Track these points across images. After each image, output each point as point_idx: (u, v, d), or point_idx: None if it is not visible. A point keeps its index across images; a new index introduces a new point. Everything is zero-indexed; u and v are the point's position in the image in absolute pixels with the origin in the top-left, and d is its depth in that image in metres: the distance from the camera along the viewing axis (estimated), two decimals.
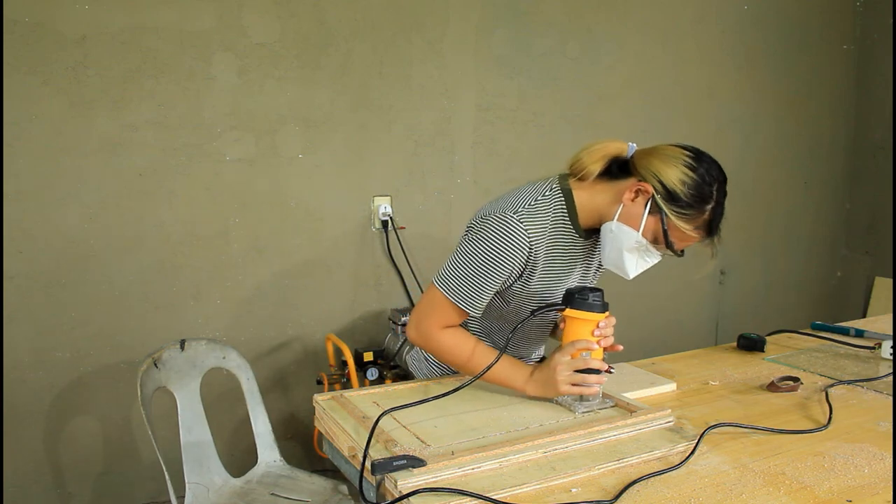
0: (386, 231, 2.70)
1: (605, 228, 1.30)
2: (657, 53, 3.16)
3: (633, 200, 1.25)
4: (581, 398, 1.29)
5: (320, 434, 1.34)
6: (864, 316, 3.57)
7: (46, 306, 2.27)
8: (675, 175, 1.22)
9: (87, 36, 2.21)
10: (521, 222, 1.26)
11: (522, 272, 1.32)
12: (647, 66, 3.15)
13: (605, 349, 1.30)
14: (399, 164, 2.72)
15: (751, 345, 1.75)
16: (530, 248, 1.28)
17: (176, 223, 2.40)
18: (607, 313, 1.28)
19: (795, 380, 1.45)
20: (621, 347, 1.31)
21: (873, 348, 1.70)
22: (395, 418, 1.23)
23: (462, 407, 1.30)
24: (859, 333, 1.85)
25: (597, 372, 1.26)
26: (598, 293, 1.26)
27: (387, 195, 2.70)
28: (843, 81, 3.70)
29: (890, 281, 3.55)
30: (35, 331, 2.26)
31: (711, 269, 3.41)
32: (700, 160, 1.25)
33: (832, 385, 1.45)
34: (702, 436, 1.16)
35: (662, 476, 1.04)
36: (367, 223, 2.70)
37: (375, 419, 1.17)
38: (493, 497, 0.95)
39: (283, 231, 2.56)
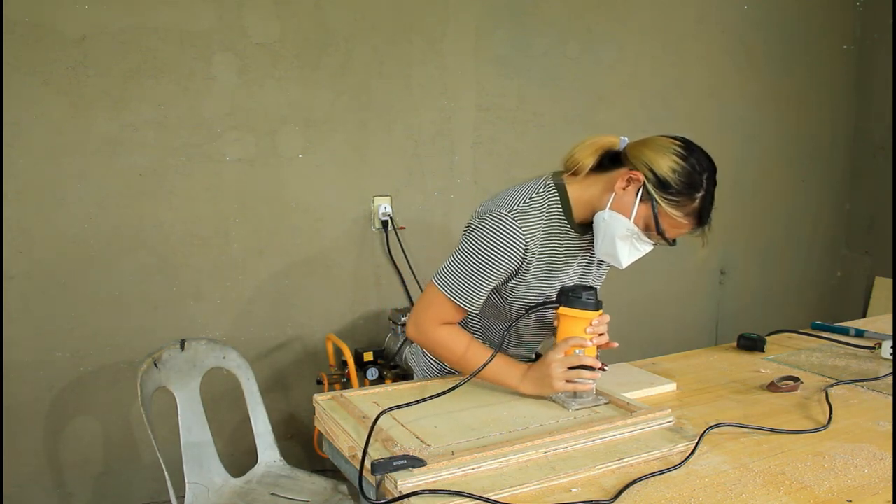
0: (386, 231, 2.70)
1: (597, 218, 1.31)
2: (657, 53, 3.16)
3: (624, 189, 1.27)
4: (575, 395, 1.30)
5: (320, 434, 1.34)
6: (864, 316, 3.56)
7: (46, 306, 2.27)
8: (666, 163, 1.24)
9: (87, 36, 2.21)
10: (517, 220, 1.29)
11: (518, 269, 1.33)
12: (647, 66, 3.15)
13: (599, 347, 1.31)
14: (399, 164, 2.72)
15: (751, 345, 1.75)
16: (526, 246, 1.30)
17: (176, 223, 2.40)
18: (601, 311, 1.29)
19: (795, 380, 1.45)
20: (616, 345, 1.33)
21: (873, 348, 1.70)
22: (394, 418, 1.23)
23: (462, 406, 1.30)
24: (859, 333, 1.85)
25: (591, 369, 1.27)
26: (591, 291, 1.28)
27: (387, 195, 2.70)
28: (843, 81, 3.70)
29: (890, 281, 3.55)
30: (35, 331, 2.26)
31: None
32: (690, 150, 1.28)
33: (832, 385, 1.45)
34: (702, 436, 1.16)
35: (662, 476, 1.04)
36: (367, 223, 2.70)
37: (374, 418, 1.17)
38: (493, 497, 0.95)
39: (283, 231, 2.56)
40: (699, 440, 1.15)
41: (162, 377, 1.96)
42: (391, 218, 2.70)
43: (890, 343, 1.62)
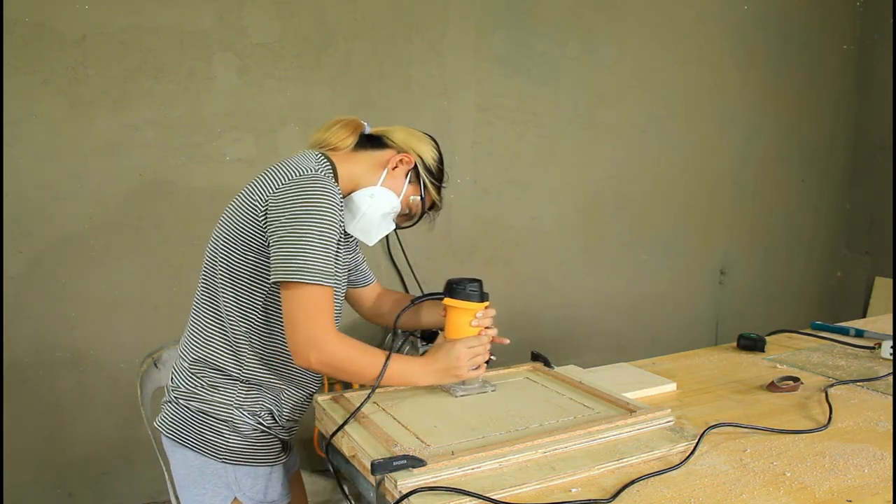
0: None
1: (361, 194, 1.33)
2: (657, 53, 3.16)
3: (394, 169, 1.35)
4: (463, 382, 1.36)
5: (320, 434, 1.34)
6: (864, 316, 3.57)
7: (46, 306, 2.27)
8: (430, 153, 1.39)
9: (87, 36, 2.21)
10: (329, 181, 1.21)
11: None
12: (647, 66, 3.15)
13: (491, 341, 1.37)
14: None
15: (751, 345, 1.75)
16: (340, 204, 1.22)
17: (176, 223, 2.40)
18: (486, 303, 1.35)
19: (795, 380, 1.45)
20: (507, 341, 1.40)
21: (873, 348, 1.70)
22: (395, 418, 1.24)
23: (462, 407, 1.30)
24: (859, 333, 1.85)
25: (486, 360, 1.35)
26: (475, 283, 1.34)
27: None
28: (843, 81, 3.70)
29: (890, 281, 3.55)
30: (35, 331, 2.26)
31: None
32: (437, 143, 1.43)
33: (832, 385, 1.45)
34: (702, 436, 1.16)
35: (662, 476, 1.04)
36: None
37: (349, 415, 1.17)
38: (493, 497, 0.95)
39: None
40: (699, 440, 1.15)
41: (162, 377, 1.95)
42: None
43: (890, 343, 1.62)
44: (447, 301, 1.34)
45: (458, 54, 2.76)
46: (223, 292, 1.26)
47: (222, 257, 1.27)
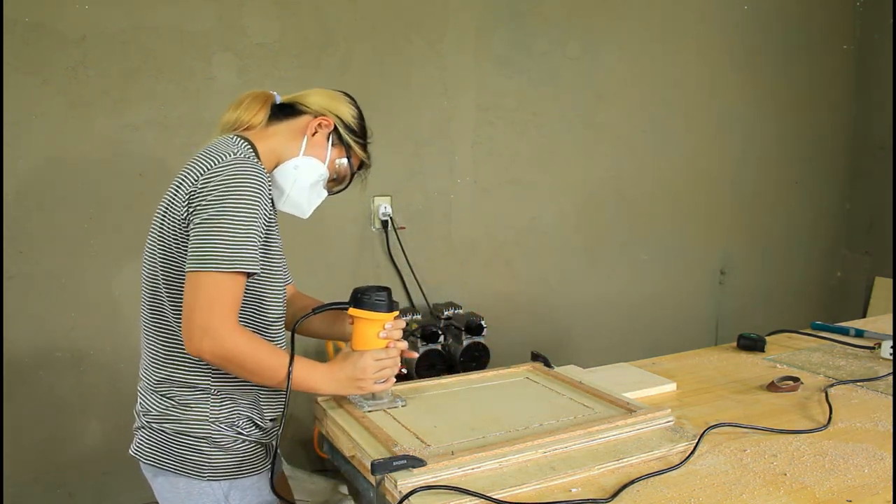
0: (386, 231, 2.70)
1: (285, 167, 1.28)
2: (657, 53, 3.16)
3: (314, 135, 1.30)
4: (373, 395, 1.28)
5: (320, 434, 1.34)
6: (864, 316, 3.56)
7: (46, 306, 2.27)
8: (348, 111, 1.34)
9: (87, 36, 2.21)
10: (249, 160, 1.17)
11: (266, 214, 1.19)
12: (647, 66, 3.15)
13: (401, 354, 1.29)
14: (399, 164, 2.71)
15: (751, 345, 1.75)
16: (266, 184, 1.17)
17: None
18: (395, 313, 1.26)
19: (795, 380, 1.45)
20: (416, 355, 1.33)
21: (873, 348, 1.70)
22: (395, 418, 1.24)
23: (462, 407, 1.30)
24: (859, 333, 1.85)
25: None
26: (383, 292, 1.24)
27: (387, 195, 2.70)
28: (843, 81, 3.70)
29: (890, 281, 3.55)
30: (35, 331, 2.26)
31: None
32: (354, 100, 1.38)
33: (832, 385, 1.45)
34: (702, 436, 1.16)
35: (662, 476, 1.04)
36: (367, 223, 2.70)
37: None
38: (493, 497, 0.95)
39: (283, 231, 2.55)
40: (699, 440, 1.15)
41: None
42: (391, 218, 2.70)
43: (890, 343, 1.62)
44: (353, 311, 1.24)
45: (458, 54, 2.76)
46: (169, 301, 1.19)
47: (161, 266, 1.20)
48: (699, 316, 3.52)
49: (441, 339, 2.49)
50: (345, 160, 1.35)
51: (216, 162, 1.15)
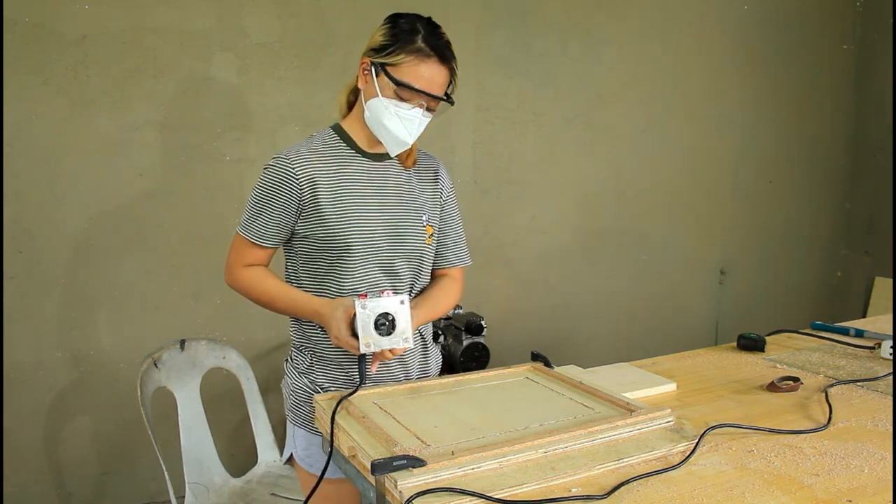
0: None
1: (367, 122, 1.41)
2: (657, 53, 3.16)
3: (364, 82, 1.39)
4: (377, 330, 1.29)
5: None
6: (864, 316, 3.57)
7: (46, 306, 2.27)
8: (378, 35, 1.38)
9: (87, 36, 2.21)
10: (288, 156, 1.39)
11: (300, 199, 1.39)
12: (647, 66, 3.15)
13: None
14: None
15: (751, 345, 1.75)
16: (296, 175, 1.38)
17: (176, 223, 2.40)
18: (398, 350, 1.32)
19: (795, 380, 1.45)
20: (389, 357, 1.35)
21: (873, 348, 1.70)
22: (395, 418, 1.24)
23: (462, 407, 1.30)
24: (859, 333, 1.85)
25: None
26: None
27: None
28: (843, 81, 3.70)
29: (890, 281, 3.55)
30: (35, 331, 2.26)
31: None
32: (396, 16, 1.41)
33: (832, 385, 1.45)
34: (702, 436, 1.16)
35: (662, 476, 1.04)
36: None
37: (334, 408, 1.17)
38: (494, 497, 0.95)
39: None
40: (699, 440, 1.15)
41: (162, 377, 1.96)
42: None
43: (890, 343, 1.62)
44: None
45: (458, 54, 2.74)
46: (301, 265, 1.52)
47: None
48: (699, 316, 3.53)
49: (441, 339, 2.49)
50: (391, 82, 1.34)
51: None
